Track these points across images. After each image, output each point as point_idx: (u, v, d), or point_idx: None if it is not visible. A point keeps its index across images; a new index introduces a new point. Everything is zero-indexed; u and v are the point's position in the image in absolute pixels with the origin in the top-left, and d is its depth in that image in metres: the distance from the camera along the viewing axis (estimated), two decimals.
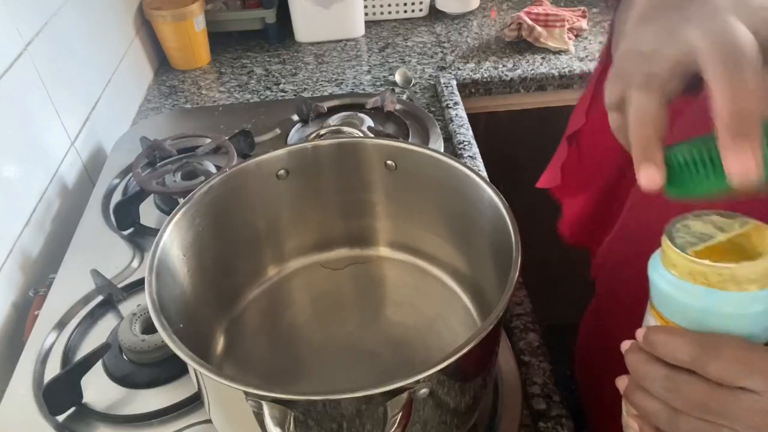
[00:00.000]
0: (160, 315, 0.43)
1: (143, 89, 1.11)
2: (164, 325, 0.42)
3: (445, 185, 0.56)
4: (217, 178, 0.55)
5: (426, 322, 0.59)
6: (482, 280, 0.57)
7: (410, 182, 0.59)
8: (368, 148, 0.59)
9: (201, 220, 0.54)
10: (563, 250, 0.69)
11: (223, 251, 0.58)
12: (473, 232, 0.55)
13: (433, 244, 0.62)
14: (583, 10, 1.22)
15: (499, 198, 0.50)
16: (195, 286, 0.54)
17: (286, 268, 0.64)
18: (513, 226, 0.47)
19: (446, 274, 0.63)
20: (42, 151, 0.76)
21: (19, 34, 0.73)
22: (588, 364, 0.67)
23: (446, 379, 0.41)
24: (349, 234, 0.65)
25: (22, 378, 0.58)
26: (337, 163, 0.60)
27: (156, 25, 1.12)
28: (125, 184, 0.82)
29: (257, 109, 0.97)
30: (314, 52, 1.21)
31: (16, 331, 0.66)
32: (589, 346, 0.66)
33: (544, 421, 0.55)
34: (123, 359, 0.59)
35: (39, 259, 0.73)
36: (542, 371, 0.59)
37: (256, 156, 0.57)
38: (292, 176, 0.59)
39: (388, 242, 0.65)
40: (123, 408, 0.55)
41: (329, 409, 0.39)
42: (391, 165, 0.58)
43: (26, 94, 0.74)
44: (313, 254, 0.65)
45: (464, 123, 0.94)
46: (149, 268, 0.46)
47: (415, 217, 0.62)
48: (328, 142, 0.59)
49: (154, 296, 0.44)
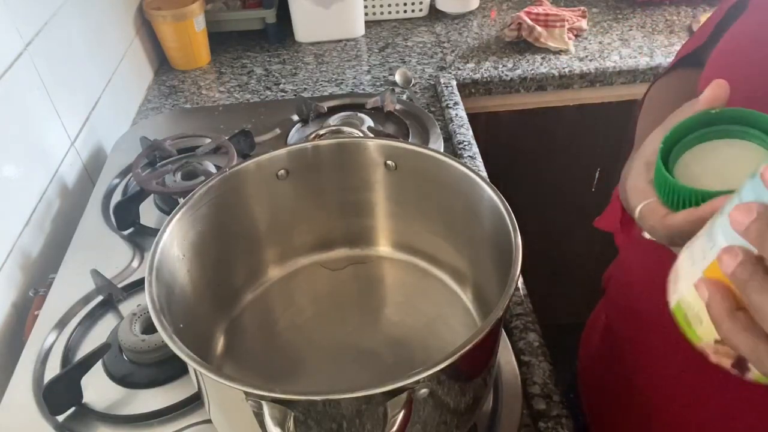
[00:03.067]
0: (160, 315, 0.43)
1: (143, 89, 1.11)
2: (164, 325, 0.42)
3: (445, 185, 0.56)
4: (217, 178, 0.55)
5: (426, 322, 0.59)
6: (482, 280, 0.57)
7: (410, 182, 0.59)
8: (368, 148, 0.59)
9: (201, 220, 0.54)
10: (564, 250, 0.69)
11: (223, 251, 0.58)
12: (473, 232, 0.55)
13: (434, 244, 0.62)
14: (583, 10, 1.22)
15: (499, 198, 0.50)
16: (195, 286, 0.54)
17: (286, 268, 0.64)
18: (513, 226, 0.47)
19: (446, 274, 0.63)
20: (42, 151, 0.76)
21: (19, 34, 0.73)
22: (591, 371, 0.66)
23: (446, 379, 0.41)
24: (349, 234, 0.65)
25: (22, 378, 0.58)
26: (337, 163, 0.60)
27: (156, 25, 1.12)
28: (125, 184, 0.82)
29: (257, 109, 0.97)
30: (314, 52, 1.21)
31: (16, 331, 0.66)
32: (594, 355, 0.66)
33: (544, 421, 0.55)
34: (123, 359, 0.59)
35: (39, 259, 0.73)
36: (542, 371, 0.59)
37: (256, 156, 0.57)
38: (292, 176, 0.59)
39: (388, 242, 0.65)
40: (123, 408, 0.55)
41: (329, 409, 0.39)
42: (391, 165, 0.58)
43: (26, 94, 0.74)
44: (313, 254, 0.65)
45: (464, 123, 0.93)
46: (149, 268, 0.46)
47: (415, 217, 0.61)
48: (328, 142, 0.59)
49: (154, 296, 0.44)
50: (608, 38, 1.19)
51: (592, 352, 0.66)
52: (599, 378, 0.64)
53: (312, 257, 0.65)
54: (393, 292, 0.64)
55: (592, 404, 0.65)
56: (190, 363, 0.39)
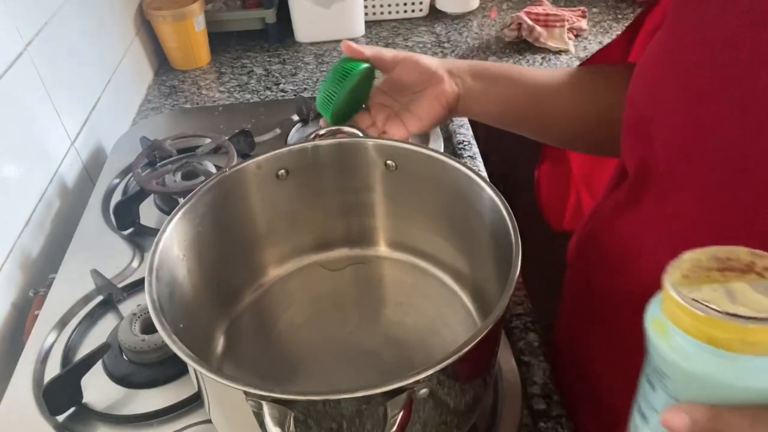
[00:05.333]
0: (160, 315, 0.43)
1: (143, 89, 1.11)
2: (164, 326, 0.42)
3: (445, 185, 0.56)
4: (216, 178, 0.55)
5: (426, 322, 0.59)
6: (482, 280, 0.57)
7: (410, 182, 0.59)
8: (368, 148, 0.59)
9: (201, 220, 0.54)
10: (564, 250, 0.69)
11: (223, 251, 0.58)
12: (473, 232, 0.55)
13: (434, 244, 0.62)
14: (583, 10, 1.22)
15: (499, 198, 0.50)
16: (195, 285, 0.54)
17: (286, 268, 0.64)
18: (513, 226, 0.47)
19: (446, 274, 0.63)
20: (42, 151, 0.76)
21: (19, 34, 0.73)
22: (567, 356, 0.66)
23: (446, 380, 0.41)
24: (349, 234, 0.65)
25: (22, 378, 0.58)
26: (337, 163, 0.60)
27: (156, 25, 1.12)
28: (125, 184, 0.82)
29: (257, 109, 0.97)
30: (314, 52, 1.21)
31: (16, 331, 0.66)
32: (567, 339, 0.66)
33: (544, 421, 0.55)
34: (123, 359, 0.59)
35: (39, 259, 0.73)
36: (542, 371, 0.59)
37: (256, 156, 0.57)
38: (292, 176, 0.59)
39: (388, 242, 0.65)
40: (123, 408, 0.55)
41: (329, 409, 0.39)
42: (391, 165, 0.58)
43: (26, 94, 0.74)
44: (312, 254, 0.65)
45: (464, 123, 0.94)
46: (149, 269, 0.46)
47: (415, 217, 0.61)
48: (328, 142, 0.59)
49: (154, 296, 0.44)
50: (608, 38, 1.19)
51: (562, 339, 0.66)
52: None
53: (312, 257, 0.65)
54: (393, 292, 0.64)
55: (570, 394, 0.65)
56: (190, 363, 0.39)
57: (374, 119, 0.64)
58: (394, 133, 0.62)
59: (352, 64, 0.62)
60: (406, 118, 0.63)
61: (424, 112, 0.62)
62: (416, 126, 0.63)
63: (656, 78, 0.45)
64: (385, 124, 0.63)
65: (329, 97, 0.61)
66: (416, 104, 0.63)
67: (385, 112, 0.64)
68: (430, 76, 0.62)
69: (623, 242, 0.50)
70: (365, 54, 0.63)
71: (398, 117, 0.63)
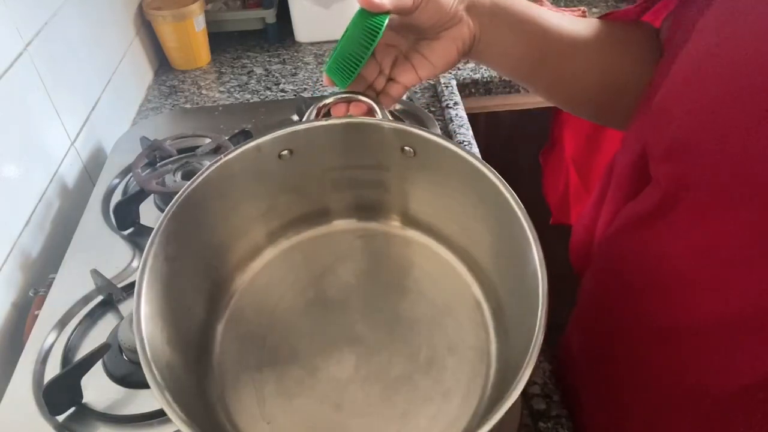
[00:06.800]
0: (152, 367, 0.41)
1: (143, 89, 1.11)
2: (157, 382, 0.40)
3: (469, 187, 0.52)
4: (212, 167, 0.52)
5: (433, 314, 0.55)
6: (497, 279, 0.54)
7: (429, 172, 0.55)
8: (384, 130, 0.54)
9: (192, 211, 0.51)
10: (564, 250, 0.69)
11: (217, 235, 0.55)
12: (493, 232, 0.52)
13: (449, 227, 0.58)
14: (583, 10, 1.22)
15: (531, 233, 0.45)
16: (189, 279, 0.52)
17: (283, 245, 0.60)
18: (541, 262, 0.43)
19: (460, 261, 0.58)
20: (42, 151, 0.76)
21: (19, 34, 0.73)
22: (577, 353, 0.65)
23: None
24: (358, 206, 0.61)
25: (22, 378, 0.58)
26: (349, 142, 0.56)
27: (156, 25, 1.12)
28: (125, 184, 0.82)
29: (257, 109, 0.97)
30: (314, 52, 1.21)
31: (16, 331, 0.66)
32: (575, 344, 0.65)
33: (544, 421, 0.55)
34: (123, 359, 0.59)
35: (39, 259, 0.73)
36: (542, 371, 0.59)
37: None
38: (296, 155, 0.56)
39: (401, 217, 0.61)
40: (123, 408, 0.55)
41: None
42: (408, 151, 0.54)
43: (26, 94, 0.74)
44: (317, 227, 0.61)
45: (464, 123, 0.93)
46: (137, 300, 0.43)
47: (432, 199, 0.57)
48: (341, 121, 0.55)
49: (145, 342, 0.42)
50: None
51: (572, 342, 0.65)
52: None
53: (317, 230, 0.61)
54: (402, 275, 0.60)
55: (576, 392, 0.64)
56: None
57: (380, 64, 0.57)
58: (403, 79, 0.56)
59: (376, 20, 0.53)
60: (417, 61, 0.55)
61: (438, 57, 0.55)
62: (428, 72, 0.56)
63: (704, 89, 0.39)
64: (392, 70, 0.56)
65: (354, 61, 0.53)
66: (429, 48, 0.55)
67: (393, 53, 0.57)
68: (450, 17, 0.54)
69: (648, 261, 0.46)
70: (386, 6, 0.53)
71: (408, 60, 0.56)
